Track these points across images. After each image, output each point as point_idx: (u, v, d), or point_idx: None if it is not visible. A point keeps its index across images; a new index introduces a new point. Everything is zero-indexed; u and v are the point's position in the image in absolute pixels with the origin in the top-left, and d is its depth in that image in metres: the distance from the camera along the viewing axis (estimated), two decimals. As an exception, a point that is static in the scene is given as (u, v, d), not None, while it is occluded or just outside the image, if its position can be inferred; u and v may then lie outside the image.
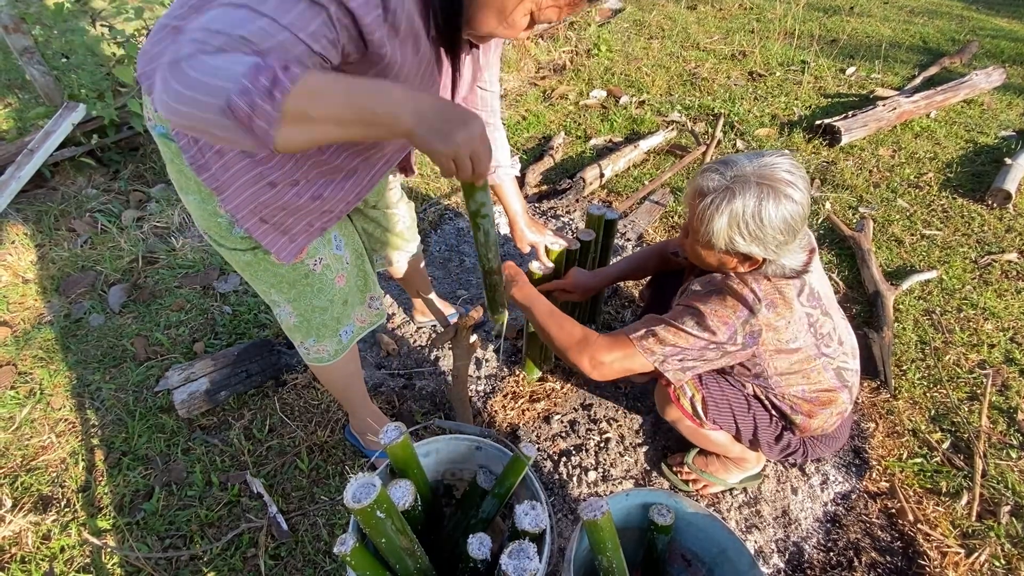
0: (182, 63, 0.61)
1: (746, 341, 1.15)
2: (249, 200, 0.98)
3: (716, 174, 1.09)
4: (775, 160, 1.08)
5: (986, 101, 3.80)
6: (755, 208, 1.05)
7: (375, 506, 0.85)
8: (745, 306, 1.13)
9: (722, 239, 1.09)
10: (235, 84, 0.59)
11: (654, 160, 3.16)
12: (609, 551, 0.94)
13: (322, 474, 1.61)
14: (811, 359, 1.20)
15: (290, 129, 0.63)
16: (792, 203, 1.05)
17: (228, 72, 0.60)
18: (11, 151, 2.71)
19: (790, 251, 1.12)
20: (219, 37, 0.64)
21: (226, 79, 0.59)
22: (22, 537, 1.45)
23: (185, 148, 0.93)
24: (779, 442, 1.35)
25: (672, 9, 5.51)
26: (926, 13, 5.60)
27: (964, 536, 1.50)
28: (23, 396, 1.82)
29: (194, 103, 0.60)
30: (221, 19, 0.65)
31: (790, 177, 1.06)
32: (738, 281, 1.16)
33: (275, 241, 1.05)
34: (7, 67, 3.87)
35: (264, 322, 2.08)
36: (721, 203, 1.07)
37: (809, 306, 1.17)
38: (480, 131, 0.76)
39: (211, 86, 0.60)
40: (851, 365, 1.28)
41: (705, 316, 1.14)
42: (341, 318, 1.28)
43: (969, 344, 2.05)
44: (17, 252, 2.40)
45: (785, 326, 1.15)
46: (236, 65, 0.60)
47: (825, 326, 1.20)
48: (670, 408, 1.40)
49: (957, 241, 2.55)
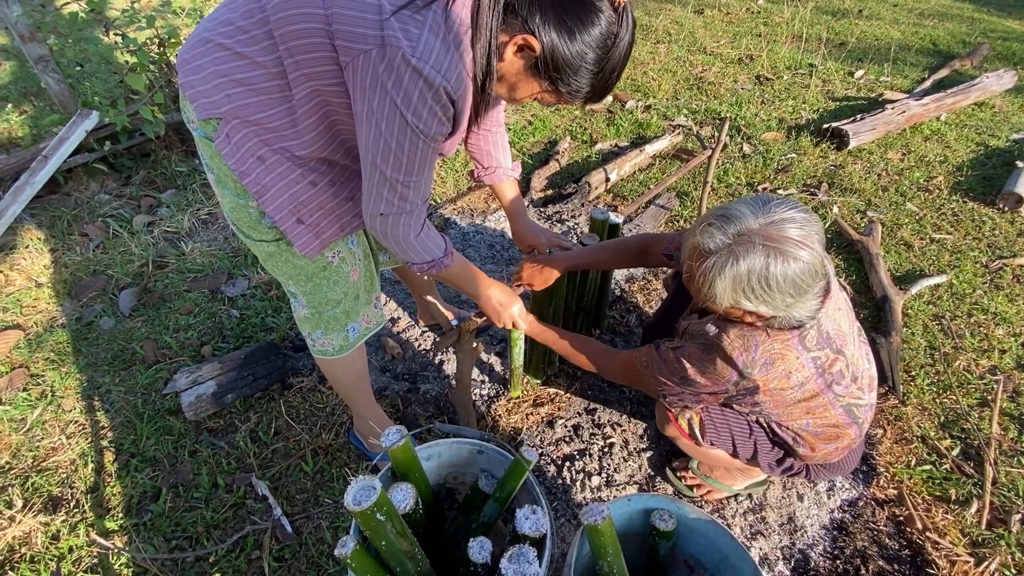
0: (401, 241, 1.07)
1: (741, 392, 1.14)
2: (289, 200, 1.06)
3: (718, 231, 1.00)
4: (783, 216, 0.99)
5: (997, 104, 3.76)
6: (761, 271, 0.97)
7: (375, 509, 0.86)
8: (735, 370, 1.10)
9: (727, 300, 1.03)
10: (423, 261, 1.12)
11: (660, 164, 3.16)
12: (610, 557, 0.94)
13: (326, 477, 1.62)
14: (818, 396, 1.14)
15: (431, 277, 1.20)
16: (801, 263, 0.97)
17: (422, 255, 1.11)
18: (26, 157, 2.76)
19: (804, 303, 1.04)
20: (411, 208, 1.03)
21: (420, 257, 1.11)
22: (32, 537, 1.47)
23: (227, 156, 1.01)
24: (780, 464, 1.33)
25: (679, 13, 5.51)
26: (936, 15, 5.56)
27: (974, 545, 1.48)
28: (35, 398, 1.85)
29: (397, 251, 1.10)
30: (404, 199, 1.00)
31: (799, 235, 0.97)
32: (729, 340, 1.09)
33: (306, 242, 1.13)
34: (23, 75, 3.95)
35: (271, 325, 2.10)
36: (724, 266, 0.99)
37: (817, 349, 1.10)
38: (520, 309, 1.38)
39: (410, 255, 1.11)
40: (864, 400, 1.20)
41: (697, 374, 1.15)
42: (351, 313, 1.32)
43: (979, 349, 2.02)
44: (31, 256, 2.44)
45: (786, 376, 1.09)
46: (427, 254, 1.11)
47: (836, 365, 1.12)
48: (668, 426, 1.41)
49: (967, 245, 2.52)
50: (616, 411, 1.80)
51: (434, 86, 0.86)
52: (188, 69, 0.98)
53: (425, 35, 0.84)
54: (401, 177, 0.96)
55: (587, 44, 0.88)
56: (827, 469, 1.34)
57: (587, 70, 0.91)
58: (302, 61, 0.90)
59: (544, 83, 0.94)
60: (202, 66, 0.96)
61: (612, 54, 0.91)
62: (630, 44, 0.93)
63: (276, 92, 0.96)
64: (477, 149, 1.44)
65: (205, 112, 0.98)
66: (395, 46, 0.82)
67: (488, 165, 1.46)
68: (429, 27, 0.84)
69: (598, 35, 0.88)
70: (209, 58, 0.95)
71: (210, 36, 0.95)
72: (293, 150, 1.02)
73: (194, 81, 0.97)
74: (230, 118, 0.98)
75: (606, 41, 0.89)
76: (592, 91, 0.95)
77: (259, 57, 0.93)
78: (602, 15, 0.87)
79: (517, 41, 0.88)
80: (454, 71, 0.87)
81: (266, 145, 1.00)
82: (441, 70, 0.85)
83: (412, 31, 0.83)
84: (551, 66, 0.90)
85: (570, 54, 0.88)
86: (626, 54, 0.93)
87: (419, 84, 0.85)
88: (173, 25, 3.61)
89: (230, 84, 0.95)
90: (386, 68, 0.84)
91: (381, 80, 0.85)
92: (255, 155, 1.01)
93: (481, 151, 1.44)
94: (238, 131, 0.98)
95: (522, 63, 0.93)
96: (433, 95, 0.87)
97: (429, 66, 0.84)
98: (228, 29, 0.94)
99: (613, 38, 0.89)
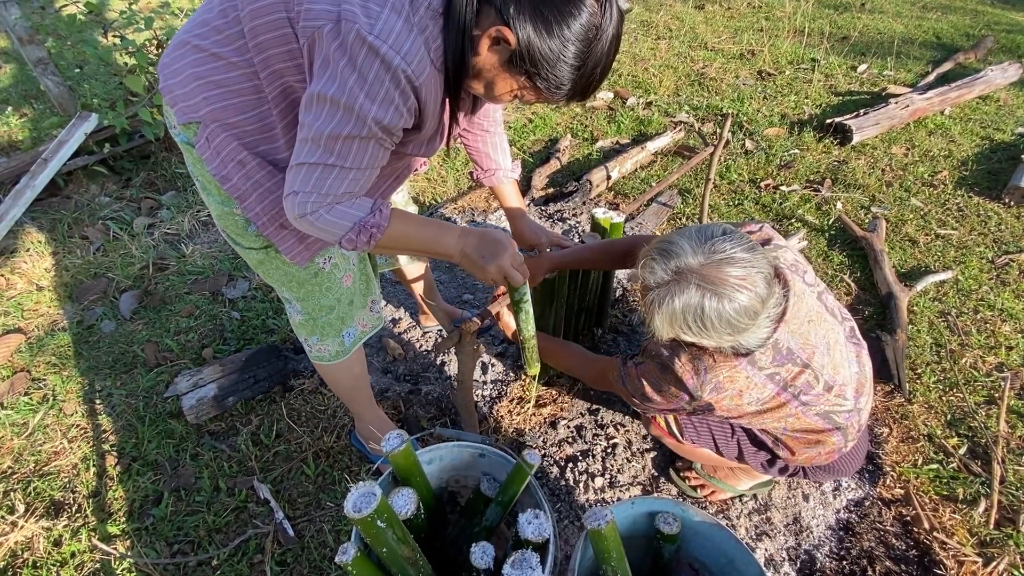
0: (309, 216, 0.89)
1: (697, 410, 1.16)
2: (270, 207, 1.03)
3: (658, 266, 1.00)
4: (726, 255, 0.97)
5: (1002, 97, 3.72)
6: (696, 309, 0.97)
7: (376, 516, 0.85)
8: (685, 392, 1.11)
9: (666, 334, 1.04)
10: (345, 232, 0.92)
11: (661, 161, 3.14)
12: (614, 561, 0.93)
13: (328, 480, 1.61)
14: (784, 407, 1.12)
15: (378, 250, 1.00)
16: (737, 305, 0.97)
17: (341, 225, 0.91)
18: (26, 160, 2.76)
19: (748, 335, 1.03)
20: (327, 198, 0.88)
21: (340, 228, 0.92)
22: (34, 542, 1.47)
23: (208, 160, 0.98)
24: (773, 465, 1.32)
25: (680, 9, 5.48)
26: (940, 8, 5.51)
27: (982, 544, 1.46)
28: (36, 402, 1.85)
29: (318, 234, 0.94)
30: (322, 181, 0.87)
31: (738, 276, 0.96)
32: (680, 363, 1.11)
33: (292, 247, 1.10)
34: (23, 78, 3.95)
35: (272, 327, 2.09)
36: (661, 303, 0.99)
37: (774, 367, 1.08)
38: (509, 258, 1.03)
39: (329, 232, 0.92)
40: (848, 405, 1.16)
41: (653, 392, 1.18)
42: (346, 318, 1.30)
43: (986, 346, 2.00)
44: (32, 260, 2.44)
45: (738, 394, 1.09)
46: (345, 220, 0.91)
47: (801, 377, 1.09)
48: (651, 426, 1.44)
49: (973, 241, 2.50)
50: (619, 412, 1.78)
51: (392, 67, 0.79)
52: (167, 73, 0.96)
53: (386, 13, 0.78)
54: (332, 160, 0.85)
55: (566, 37, 0.81)
56: (824, 471, 1.32)
57: (567, 65, 0.84)
58: (271, 57, 0.87)
59: (522, 79, 0.87)
60: (180, 69, 0.94)
61: (594, 48, 0.83)
62: (615, 38, 0.85)
63: (252, 93, 0.93)
64: (476, 151, 1.42)
65: (184, 116, 0.96)
66: (350, 21, 0.77)
67: (487, 167, 1.45)
68: (391, 5, 0.79)
69: (578, 28, 0.81)
70: (186, 61, 0.93)
71: (187, 38, 0.93)
72: (272, 154, 1.00)
73: (173, 85, 0.95)
74: (209, 121, 0.95)
75: (587, 34, 0.82)
76: (574, 88, 0.88)
77: (233, 57, 0.90)
78: (583, 6, 0.80)
79: (491, 33, 0.82)
80: (416, 55, 0.81)
81: (246, 149, 0.98)
82: (401, 52, 0.79)
83: (372, 8, 0.78)
84: (528, 61, 0.83)
85: (548, 48, 0.82)
86: (611, 49, 0.86)
87: (375, 65, 0.79)
88: (172, 26, 3.60)
89: (207, 86, 0.93)
90: (339, 46, 0.78)
91: (334, 59, 0.79)
92: (235, 159, 0.98)
93: (480, 153, 1.42)
94: (217, 135, 0.96)
95: (498, 58, 0.86)
96: (391, 78, 0.80)
97: (387, 45, 0.78)
98: (204, 30, 0.92)
99: (595, 31, 0.82)
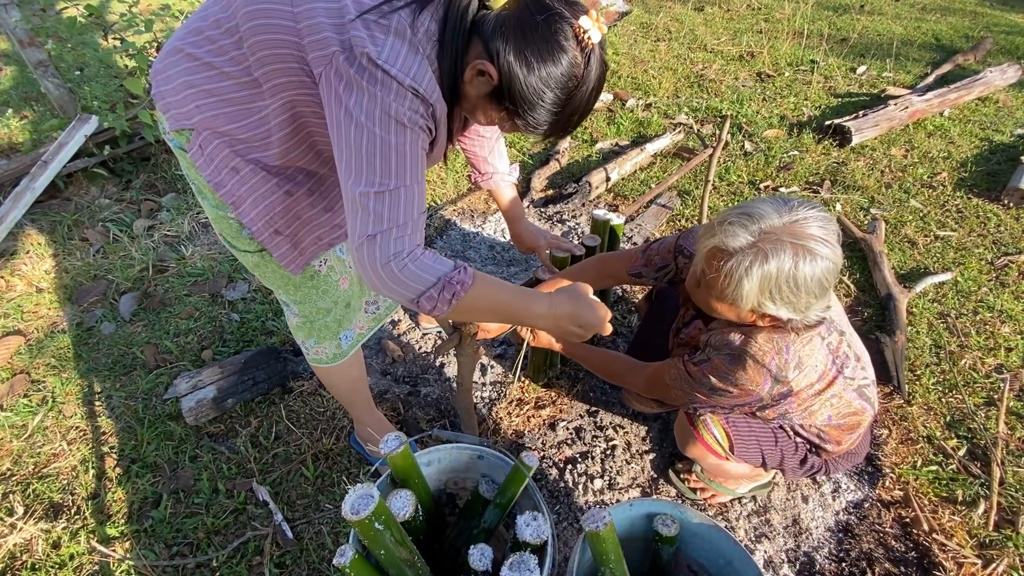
0: (392, 264, 0.85)
1: (775, 398, 1.12)
2: (264, 212, 1.03)
3: (741, 229, 0.98)
4: (805, 214, 0.99)
5: (1001, 99, 3.73)
6: (790, 271, 0.96)
7: (373, 518, 0.85)
8: (769, 375, 1.08)
9: (751, 302, 1.01)
10: (427, 288, 0.87)
11: (661, 163, 3.14)
12: (612, 563, 0.93)
13: (327, 482, 1.61)
14: (833, 384, 1.14)
15: (454, 315, 0.93)
16: (827, 262, 0.97)
17: (424, 280, 0.87)
18: (26, 162, 2.76)
19: (819, 304, 1.04)
20: (406, 227, 0.86)
21: (423, 284, 0.87)
22: (33, 544, 1.47)
23: (202, 167, 0.98)
24: (803, 465, 1.33)
25: (679, 11, 5.48)
26: (938, 10, 5.52)
27: (981, 546, 1.46)
28: (36, 404, 1.85)
29: (398, 289, 0.87)
30: (392, 211, 0.85)
31: (823, 233, 0.97)
32: (759, 345, 1.08)
33: (286, 254, 1.10)
34: (23, 80, 3.95)
35: (271, 329, 2.09)
36: (752, 265, 0.97)
37: (828, 334, 1.11)
38: (602, 322, 1.03)
39: (411, 286, 0.87)
40: (869, 378, 1.21)
41: (727, 385, 1.12)
42: (343, 321, 1.30)
43: (986, 348, 2.00)
44: (32, 262, 2.44)
45: (814, 370, 1.10)
46: (430, 274, 0.87)
47: (842, 347, 1.13)
48: (693, 445, 1.36)
49: (972, 242, 2.50)
50: (618, 413, 1.78)
51: (405, 86, 0.82)
52: (160, 80, 0.96)
53: (391, 40, 0.81)
54: (392, 183, 0.85)
55: (546, 83, 0.83)
56: (844, 459, 1.34)
57: (545, 109, 0.86)
58: (273, 72, 0.88)
59: (501, 112, 0.91)
60: (172, 76, 0.94)
61: (574, 97, 0.85)
62: (596, 90, 0.88)
63: (246, 103, 0.93)
64: (473, 155, 1.43)
65: (176, 123, 0.96)
66: (360, 47, 0.79)
67: (485, 171, 1.46)
68: (395, 31, 0.81)
69: (558, 75, 0.83)
70: (179, 68, 0.93)
71: (180, 46, 0.93)
72: (266, 160, 0.99)
73: (165, 92, 0.95)
74: (201, 129, 0.95)
75: (568, 83, 0.84)
76: (551, 129, 0.91)
77: (227, 67, 0.90)
78: (564, 55, 0.82)
79: (476, 66, 0.85)
80: (423, 75, 0.84)
81: (239, 156, 0.98)
82: (410, 74, 0.82)
83: (378, 36, 0.80)
84: (508, 98, 0.86)
85: (527, 89, 0.84)
86: (590, 98, 0.88)
87: (391, 84, 0.81)
88: (172, 29, 3.61)
89: (200, 95, 0.93)
90: (357, 69, 0.80)
91: (355, 80, 0.81)
92: (229, 166, 0.98)
93: (477, 157, 1.43)
94: (210, 142, 0.96)
95: (481, 89, 0.89)
96: (411, 93, 0.84)
97: (396, 69, 0.81)
98: (197, 39, 0.92)
99: (576, 80, 0.84)
